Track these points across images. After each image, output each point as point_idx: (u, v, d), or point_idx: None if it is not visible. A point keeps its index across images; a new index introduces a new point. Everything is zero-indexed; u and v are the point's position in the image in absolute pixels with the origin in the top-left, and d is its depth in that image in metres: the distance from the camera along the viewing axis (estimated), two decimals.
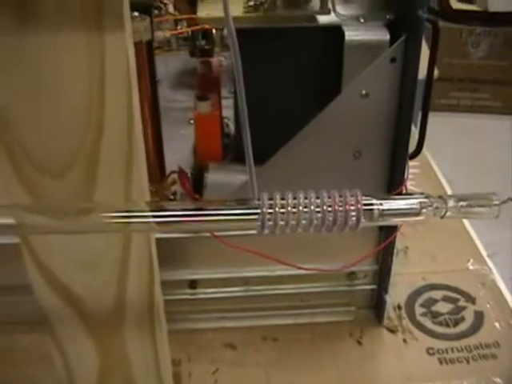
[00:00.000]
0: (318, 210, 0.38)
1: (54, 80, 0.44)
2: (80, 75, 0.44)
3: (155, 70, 0.70)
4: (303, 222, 0.38)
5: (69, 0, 0.40)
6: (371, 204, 0.39)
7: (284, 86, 0.64)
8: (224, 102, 0.77)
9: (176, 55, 1.07)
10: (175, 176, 0.70)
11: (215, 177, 0.68)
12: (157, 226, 0.44)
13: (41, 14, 0.41)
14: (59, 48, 0.43)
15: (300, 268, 0.70)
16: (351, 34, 0.61)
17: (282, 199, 0.39)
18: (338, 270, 0.72)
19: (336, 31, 0.61)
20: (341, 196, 0.39)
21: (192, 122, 0.92)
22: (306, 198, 0.38)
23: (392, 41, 0.61)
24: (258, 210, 0.38)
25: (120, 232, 0.49)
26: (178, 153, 0.79)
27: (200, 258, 0.72)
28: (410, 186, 0.72)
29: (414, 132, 0.66)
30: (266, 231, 0.38)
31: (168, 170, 0.72)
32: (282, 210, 0.38)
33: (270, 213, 0.38)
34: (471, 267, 0.89)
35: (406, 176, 0.67)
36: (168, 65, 1.03)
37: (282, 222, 0.38)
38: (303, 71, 0.64)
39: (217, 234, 0.64)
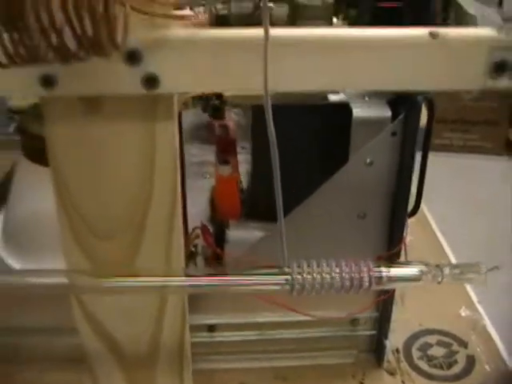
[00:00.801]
0: (337, 276, 0.46)
1: (111, 159, 0.52)
2: (134, 156, 0.52)
3: (182, 133, 0.78)
4: (326, 285, 0.46)
5: (129, 99, 0.48)
6: (380, 271, 0.47)
7: (298, 153, 0.72)
8: None
9: (190, 110, 1.16)
10: (198, 231, 0.77)
11: (236, 233, 0.75)
12: (193, 290, 0.52)
13: (105, 107, 0.49)
14: (118, 134, 0.51)
15: (308, 315, 0.77)
16: (358, 111, 0.69)
17: (308, 266, 0.47)
18: (342, 317, 0.80)
19: (344, 108, 0.70)
20: (356, 264, 0.47)
21: (208, 176, 1.00)
22: (327, 266, 0.46)
23: (393, 117, 0.69)
24: (288, 276, 0.46)
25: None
26: (196, 205, 0.86)
27: (218, 305, 0.80)
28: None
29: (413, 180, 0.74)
30: (295, 294, 0.46)
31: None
32: (309, 276, 0.46)
33: (299, 278, 0.46)
34: (463, 313, 0.96)
35: (405, 234, 0.75)
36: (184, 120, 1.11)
37: (308, 286, 0.46)
38: (315, 141, 0.72)
39: None
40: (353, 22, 0.75)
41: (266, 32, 0.43)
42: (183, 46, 0.46)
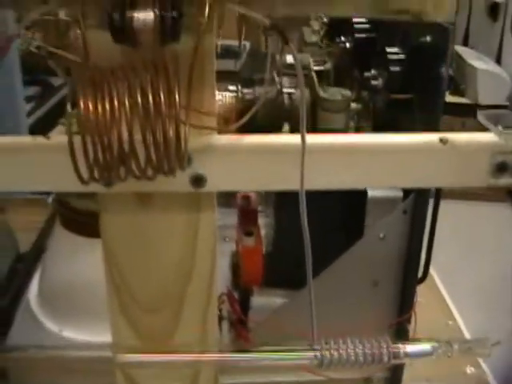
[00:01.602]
0: (360, 352, 0.53)
1: (158, 242, 0.59)
2: (178, 240, 0.59)
3: None
4: (351, 361, 0.52)
5: (177, 194, 0.55)
6: (398, 348, 0.54)
7: (318, 227, 0.79)
8: None
9: None
10: (224, 297, 0.84)
11: (259, 300, 0.82)
12: (228, 364, 0.58)
13: (156, 200, 0.56)
14: (165, 222, 0.58)
15: (324, 375, 0.83)
16: (372, 191, 0.76)
17: (334, 343, 0.53)
18: (356, 377, 0.86)
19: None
20: (376, 341, 0.53)
21: (228, 239, 1.06)
22: (351, 343, 0.53)
23: (405, 196, 0.76)
24: (318, 353, 0.53)
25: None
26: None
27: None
28: None
29: None
30: (323, 369, 0.53)
31: None
32: (336, 353, 0.53)
33: (327, 355, 0.53)
34: (468, 371, 1.02)
35: (415, 300, 0.82)
36: None
37: (335, 362, 0.52)
38: (334, 217, 0.79)
39: None
40: (366, 105, 0.83)
41: (303, 141, 0.51)
42: (228, 151, 0.53)
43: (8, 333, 0.92)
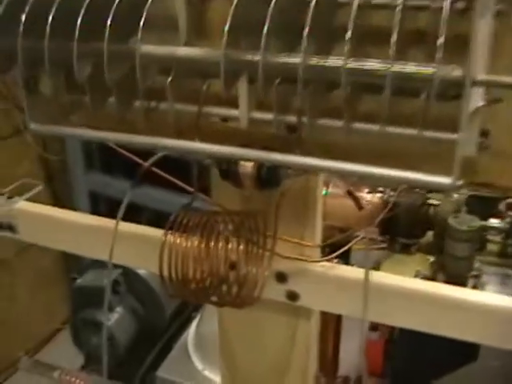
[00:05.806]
0: None
1: (264, 336, 0.69)
2: (279, 336, 0.68)
3: None
4: None
5: (279, 303, 0.64)
6: None
7: (444, 347, 0.84)
8: None
9: None
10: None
11: None
12: None
13: (263, 306, 0.66)
14: (270, 321, 0.67)
15: None
16: None
17: None
18: None
19: None
20: None
21: None
22: None
23: None
24: None
25: None
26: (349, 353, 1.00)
27: None
28: None
29: None
30: None
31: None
32: None
33: None
34: None
35: None
36: None
37: None
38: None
39: None
40: None
41: (367, 279, 0.57)
42: (320, 277, 0.61)
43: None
